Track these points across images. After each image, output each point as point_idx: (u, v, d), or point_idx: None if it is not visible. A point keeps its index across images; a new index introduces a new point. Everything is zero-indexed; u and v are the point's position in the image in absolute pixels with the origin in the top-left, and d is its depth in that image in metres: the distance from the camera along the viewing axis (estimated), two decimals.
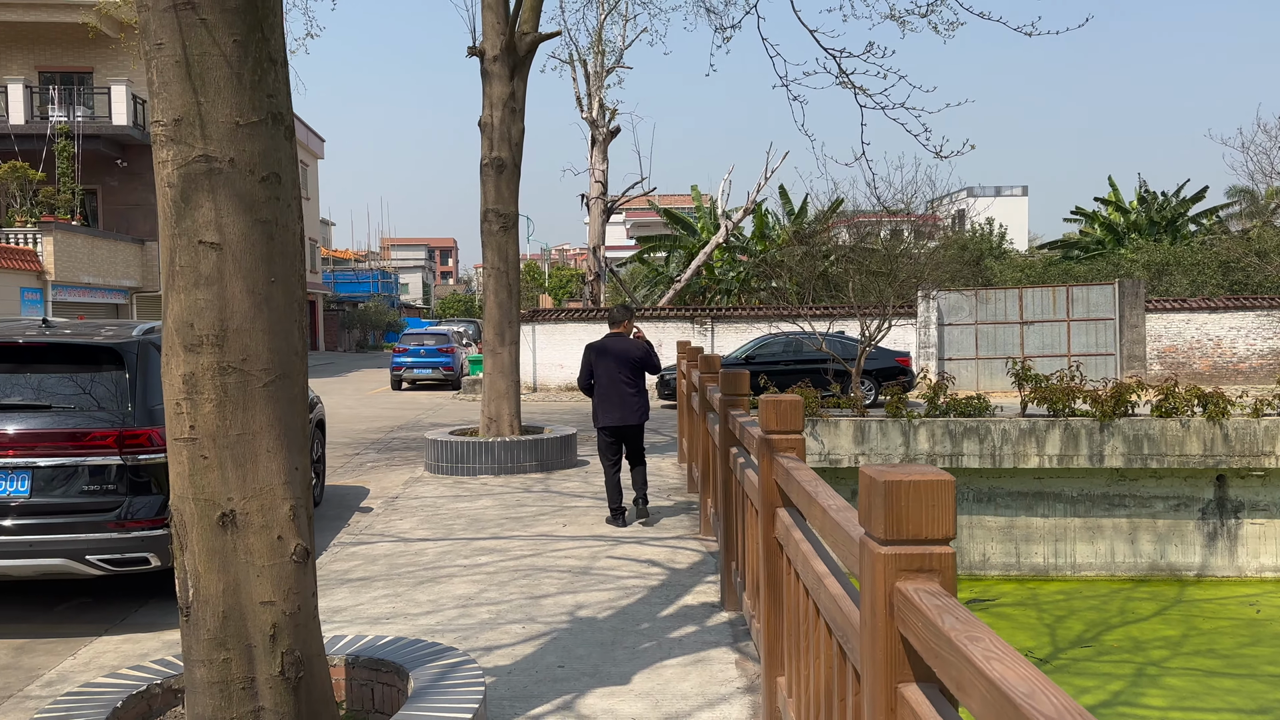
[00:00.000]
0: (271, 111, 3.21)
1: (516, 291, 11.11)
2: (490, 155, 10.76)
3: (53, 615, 6.24)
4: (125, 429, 5.82)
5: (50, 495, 5.73)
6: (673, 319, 23.13)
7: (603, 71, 24.74)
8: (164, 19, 3.06)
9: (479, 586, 6.30)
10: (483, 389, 11.28)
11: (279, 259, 3.26)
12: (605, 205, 25.47)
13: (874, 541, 2.09)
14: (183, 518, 3.22)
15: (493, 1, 10.54)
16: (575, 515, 8.47)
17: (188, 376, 3.17)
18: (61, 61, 27.41)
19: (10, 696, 4.83)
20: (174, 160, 3.12)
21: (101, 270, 25.39)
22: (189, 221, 3.13)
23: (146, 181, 27.98)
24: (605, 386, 7.98)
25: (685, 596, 6.00)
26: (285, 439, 3.29)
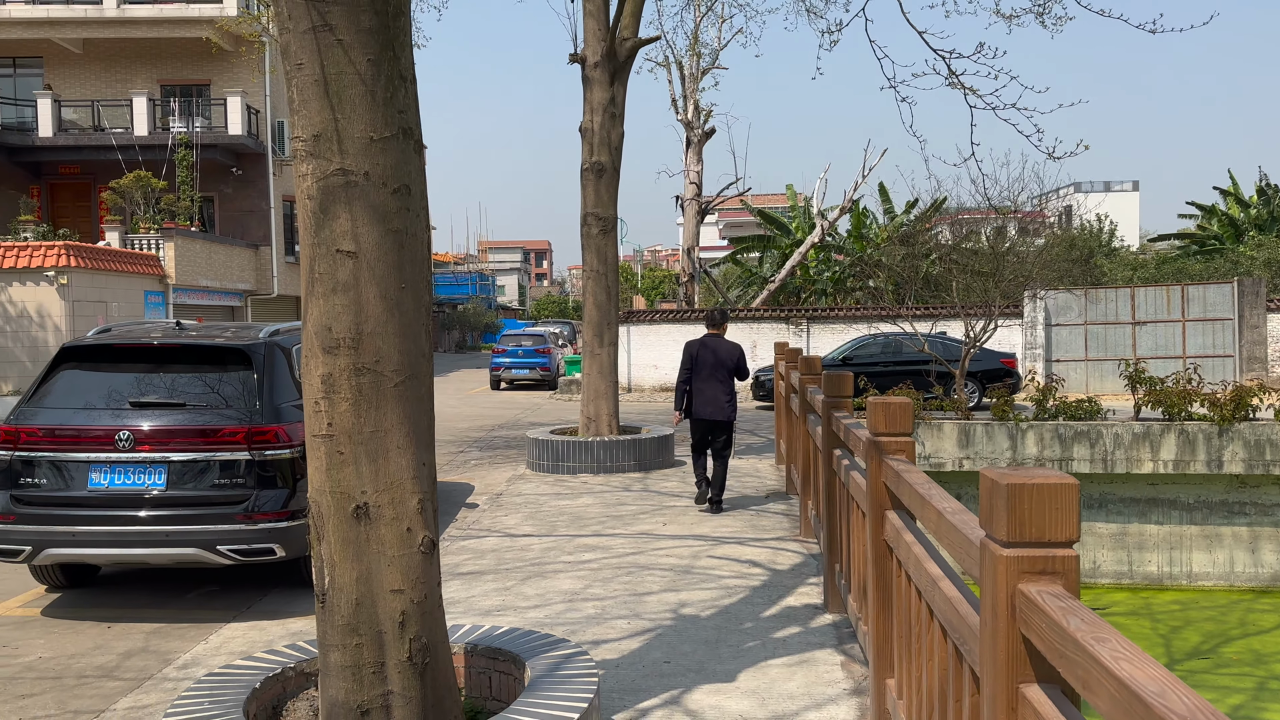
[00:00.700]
0: (402, 126, 3.39)
1: (615, 293, 11.27)
2: (590, 160, 10.95)
3: (184, 602, 6.62)
4: (253, 426, 6.14)
5: (184, 488, 6.08)
6: (767, 320, 23.04)
7: (698, 73, 24.79)
8: (304, 40, 3.25)
9: (584, 582, 6.45)
10: (582, 389, 11.47)
11: (409, 266, 3.44)
12: (700, 206, 25.52)
13: (996, 544, 2.12)
14: (320, 509, 3.41)
15: (594, 9, 10.72)
16: (675, 515, 8.57)
17: (326, 377, 3.37)
18: (182, 75, 28.82)
19: (149, 678, 5.16)
20: (313, 174, 3.31)
21: (218, 274, 26.61)
22: (327, 231, 3.33)
23: (259, 189, 29.22)
24: (700, 383, 8.63)
25: (788, 598, 6.03)
26: (414, 436, 3.47)
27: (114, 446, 5.98)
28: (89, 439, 6.02)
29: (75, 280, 20.25)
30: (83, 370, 6.37)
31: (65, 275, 19.94)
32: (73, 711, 4.72)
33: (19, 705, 4.81)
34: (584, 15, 10.83)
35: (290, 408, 6.41)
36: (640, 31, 11.20)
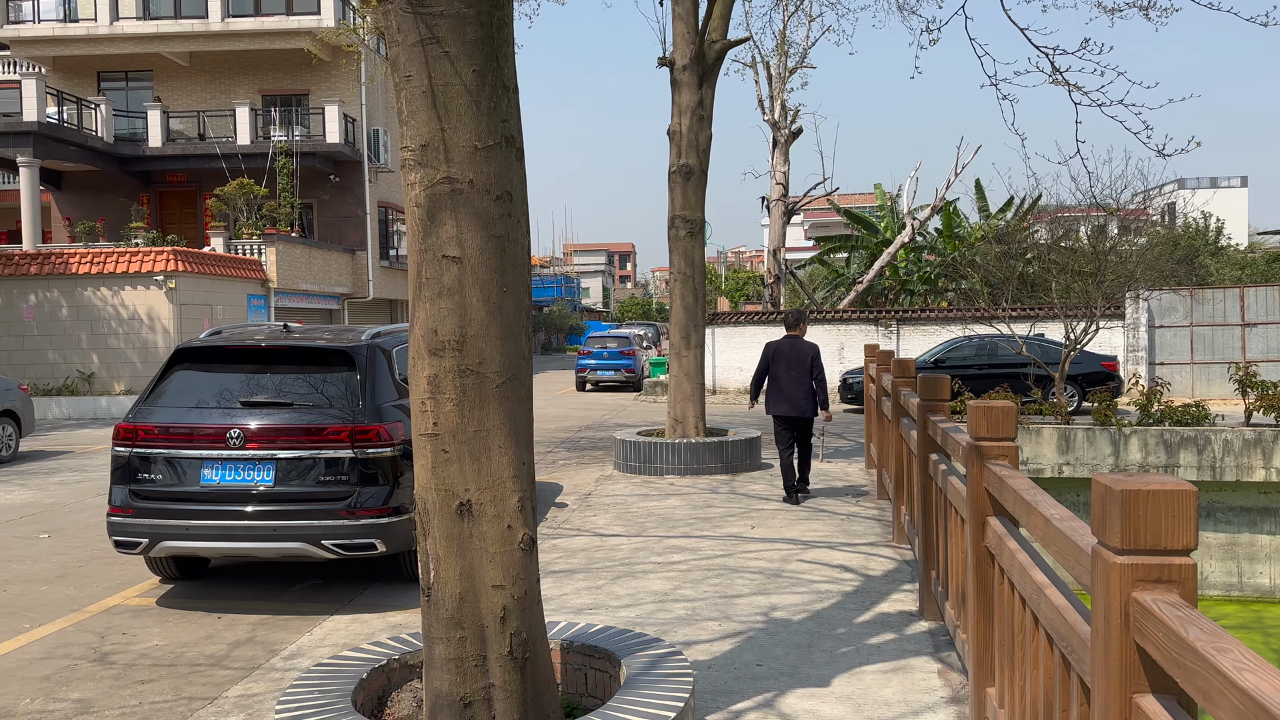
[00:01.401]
0: (505, 135, 3.48)
1: (702, 295, 11.29)
2: (678, 162, 10.99)
3: (289, 595, 6.86)
4: (356, 425, 6.34)
5: (290, 485, 6.31)
6: (855, 321, 22.75)
7: (785, 73, 24.63)
8: (412, 53, 3.37)
9: (673, 583, 6.48)
10: (668, 391, 11.52)
11: (510, 270, 3.52)
12: (786, 207, 25.34)
13: (1109, 551, 2.08)
14: (426, 506, 3.52)
15: (683, 11, 10.76)
16: (763, 518, 8.54)
17: (432, 378, 3.47)
18: (282, 85, 29.84)
19: (257, 667, 5.37)
20: (421, 182, 3.42)
21: (317, 278, 27.48)
22: (434, 238, 3.43)
23: (355, 195, 30.06)
24: (779, 382, 9.08)
25: (881, 604, 5.97)
26: (515, 436, 3.55)
27: (225, 444, 6.25)
28: (202, 437, 6.29)
29: (182, 284, 21.16)
30: (195, 371, 6.67)
31: (173, 279, 20.84)
32: (187, 698, 4.95)
33: (137, 690, 5.07)
34: (673, 19, 10.88)
35: (391, 407, 6.60)
36: (729, 33, 11.20)
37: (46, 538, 8.67)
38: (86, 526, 9.10)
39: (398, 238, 33.25)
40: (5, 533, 8.89)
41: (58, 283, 20.87)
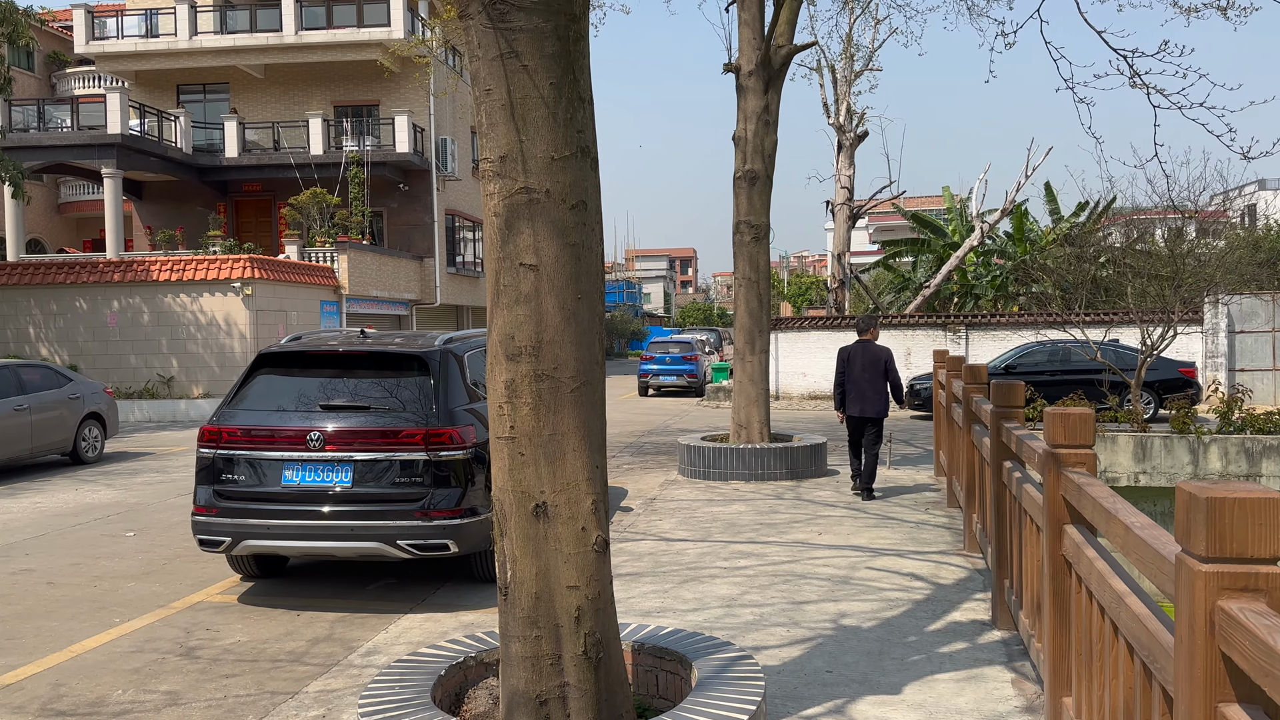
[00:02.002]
0: (580, 145, 3.55)
1: (767, 300, 11.28)
2: (743, 168, 11.00)
3: (365, 593, 7.04)
4: (430, 428, 6.48)
5: (367, 486, 6.47)
6: (923, 326, 22.46)
7: (851, 76, 24.45)
8: (492, 67, 3.46)
9: (740, 589, 6.50)
10: (732, 396, 11.52)
11: (585, 278, 3.60)
12: (851, 211, 25.13)
13: (1193, 559, 2.07)
14: (503, 507, 3.61)
15: (749, 18, 10.78)
16: (830, 524, 8.51)
17: (509, 383, 3.56)
18: (353, 96, 30.54)
19: (336, 664, 5.52)
20: (499, 192, 3.52)
21: (387, 285, 28.04)
22: (511, 246, 3.52)
23: (423, 204, 30.61)
24: (852, 384, 9.67)
25: (953, 612, 5.91)
26: (588, 440, 3.62)
27: (305, 446, 6.44)
28: (283, 439, 6.49)
29: (258, 291, 21.77)
30: (276, 375, 6.89)
31: (250, 286, 21.46)
32: (269, 692, 5.11)
33: (222, 684, 5.25)
34: (739, 25, 10.91)
35: (463, 411, 6.74)
36: (794, 38, 11.19)
37: (133, 536, 9.01)
38: (170, 525, 9.43)
39: (464, 245, 33.75)
40: (94, 530, 9.26)
41: (139, 289, 21.64)
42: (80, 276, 21.79)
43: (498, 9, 3.40)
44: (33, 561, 8.00)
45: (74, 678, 5.35)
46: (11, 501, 10.93)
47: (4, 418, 12.49)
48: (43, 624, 6.32)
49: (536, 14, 3.40)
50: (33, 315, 21.93)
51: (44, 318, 21.90)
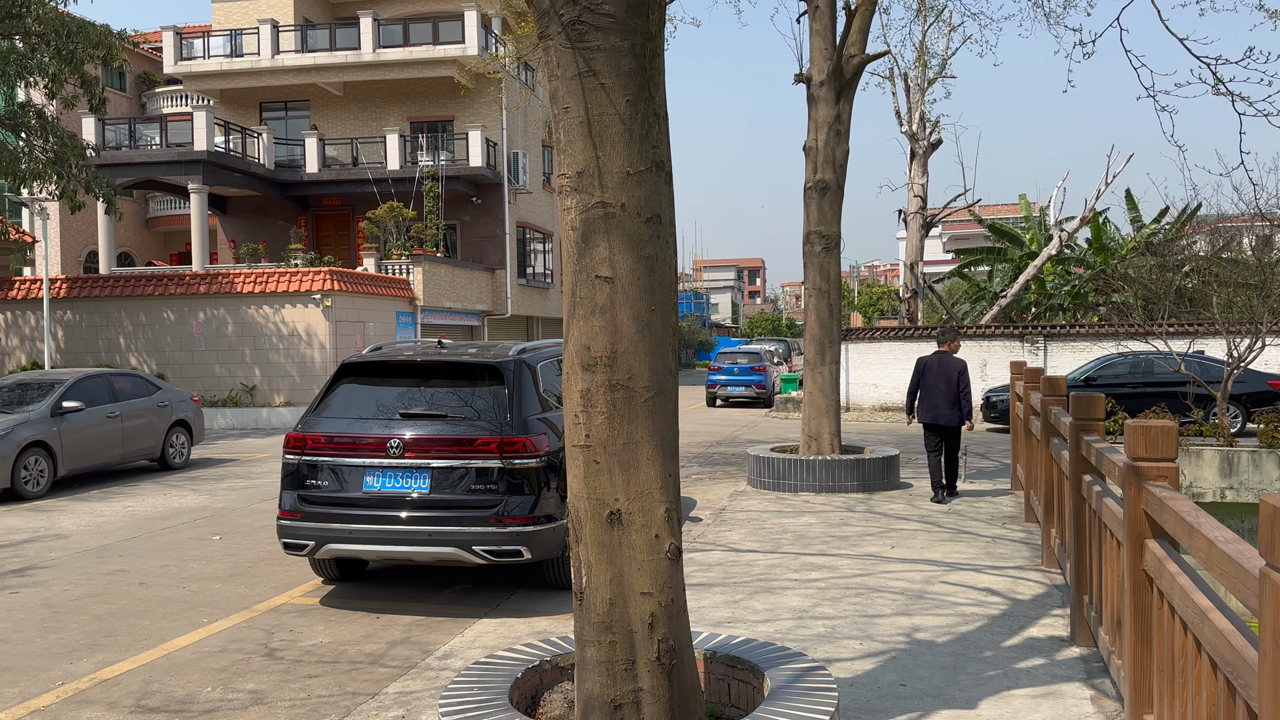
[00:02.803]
0: (655, 160, 3.62)
1: (838, 311, 11.21)
2: (814, 178, 10.98)
3: (441, 598, 7.19)
4: (505, 437, 6.61)
5: (443, 492, 6.62)
6: (999, 337, 22.03)
7: (924, 84, 24.16)
8: (570, 85, 3.56)
9: (811, 601, 6.48)
10: (803, 407, 11.47)
11: (658, 290, 3.66)
12: (924, 220, 24.80)
13: (1278, 573, 2.04)
14: (578, 514, 3.69)
15: (820, 28, 10.76)
16: (903, 538, 8.42)
17: (584, 392, 3.64)
18: (428, 112, 31.20)
19: (413, 666, 5.66)
20: (576, 207, 3.60)
21: (460, 296, 28.54)
22: (587, 259, 3.61)
23: (495, 216, 31.09)
24: (928, 393, 10.09)
25: (1030, 628, 5.81)
26: (661, 449, 3.68)
27: (385, 453, 6.62)
28: (364, 446, 6.69)
29: (338, 302, 22.35)
30: (358, 384, 7.10)
31: (330, 298, 22.05)
32: (350, 693, 5.26)
33: (305, 684, 5.42)
34: (810, 35, 10.91)
35: (536, 420, 6.86)
36: (867, 47, 11.13)
37: (219, 539, 9.33)
38: (254, 530, 9.75)
39: (535, 256, 34.17)
40: (182, 534, 9.62)
41: (224, 301, 22.39)
42: (168, 288, 22.64)
43: (576, 29, 3.49)
44: (126, 563, 8.35)
45: (165, 674, 5.58)
46: (104, 505, 11.41)
47: (97, 424, 13.04)
48: (136, 622, 6.60)
49: (614, 33, 3.48)
50: (123, 326, 22.84)
51: (134, 328, 22.79)
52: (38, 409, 12.41)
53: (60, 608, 6.94)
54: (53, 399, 12.61)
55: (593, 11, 3.47)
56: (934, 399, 10.02)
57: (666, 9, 3.69)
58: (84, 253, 32.81)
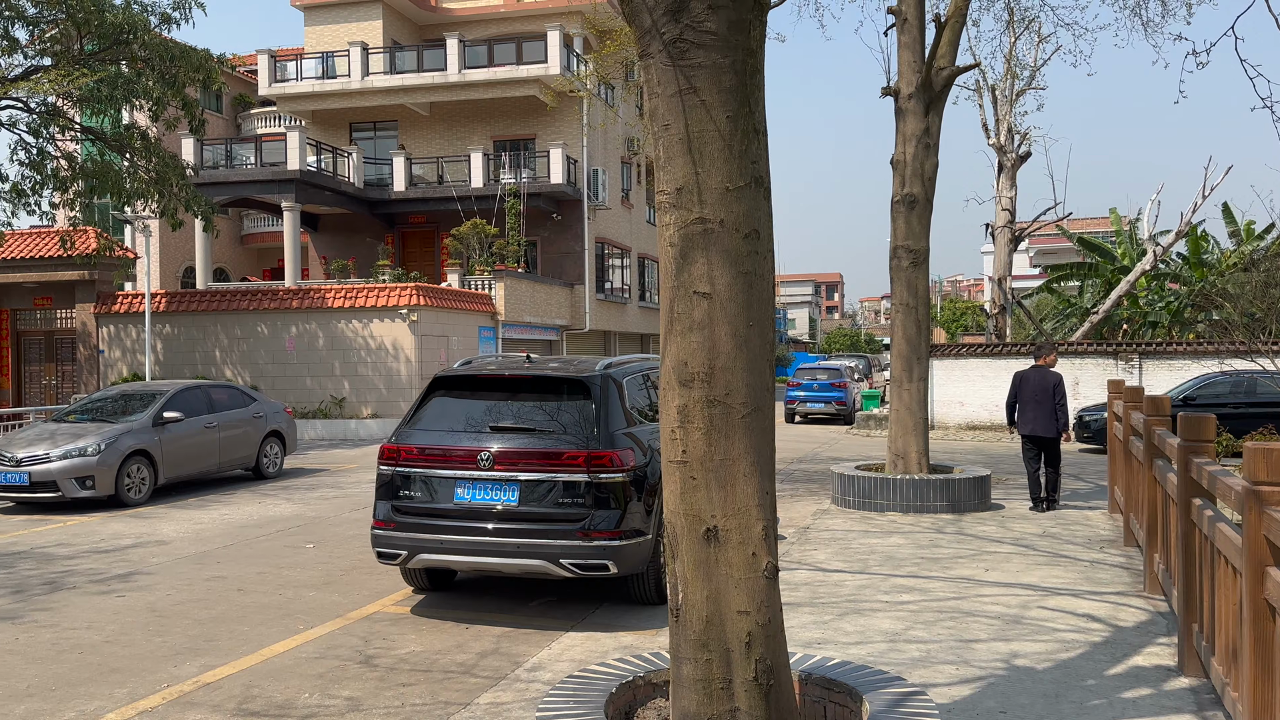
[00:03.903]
0: (754, 176, 3.61)
1: (926, 327, 11.01)
2: (902, 192, 10.82)
3: (528, 610, 7.24)
4: (592, 451, 6.65)
5: (531, 505, 6.68)
6: (1092, 354, 21.37)
7: (1012, 96, 23.66)
8: (671, 103, 3.57)
9: (904, 624, 6.34)
10: (889, 425, 11.28)
11: (756, 305, 3.64)
12: (1012, 234, 24.24)
13: None
14: (674, 530, 3.68)
15: (909, 40, 10.64)
16: (996, 561, 8.19)
17: (681, 408, 3.64)
18: (511, 131, 31.73)
19: (504, 678, 5.70)
20: (675, 223, 3.61)
21: (540, 311, 28.88)
22: (685, 275, 3.61)
23: (574, 232, 31.41)
24: (1026, 405, 10.50)
25: (1134, 657, 5.60)
26: (758, 465, 3.65)
27: (476, 465, 6.71)
28: (455, 458, 6.79)
29: (423, 317, 22.81)
30: (450, 397, 7.22)
31: (415, 313, 22.51)
32: (443, 702, 5.33)
33: (399, 693, 5.50)
34: (898, 48, 10.79)
35: (622, 435, 6.88)
36: (956, 60, 10.95)
37: (312, 548, 9.57)
38: (346, 539, 9.97)
39: (612, 272, 34.40)
40: (277, 542, 9.89)
41: (315, 316, 23.04)
42: (262, 303, 23.39)
43: (678, 47, 3.51)
44: (224, 569, 8.62)
45: (265, 680, 5.73)
46: (202, 513, 11.80)
47: (195, 434, 13.52)
48: (235, 628, 6.80)
49: (715, 50, 3.49)
50: (219, 339, 23.67)
51: (229, 341, 23.60)
52: (140, 419, 12.92)
53: (164, 612, 7.20)
54: (154, 409, 13.12)
55: (694, 29, 3.48)
56: (1032, 411, 10.41)
57: (766, 25, 3.69)
58: (181, 269, 34.14)
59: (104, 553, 9.37)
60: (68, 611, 7.22)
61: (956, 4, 10.87)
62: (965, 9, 10.96)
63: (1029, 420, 10.45)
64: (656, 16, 3.53)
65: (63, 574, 8.47)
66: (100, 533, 10.49)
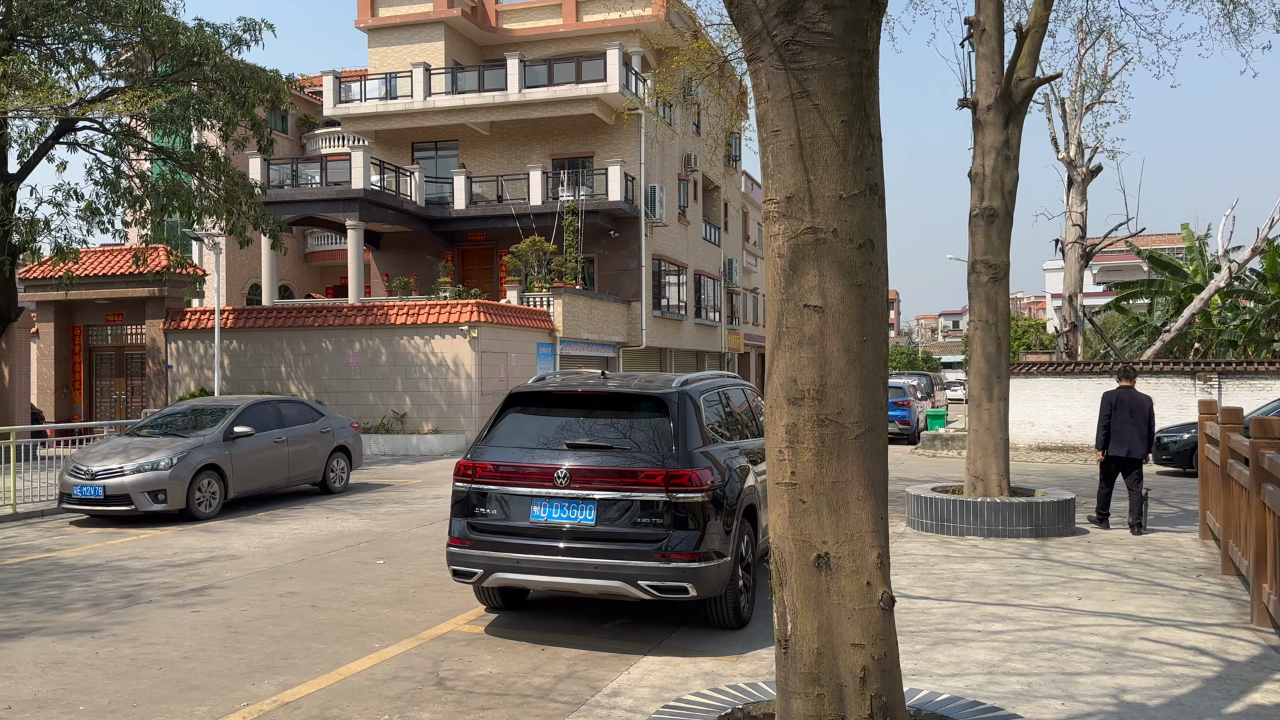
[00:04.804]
0: (869, 183, 3.44)
1: (1006, 345, 10.67)
2: (980, 205, 10.53)
3: (602, 632, 7.07)
4: (670, 469, 6.48)
5: (608, 524, 6.53)
6: (1167, 374, 20.67)
7: (1082, 109, 23.12)
8: (781, 108, 3.42)
9: (1000, 655, 6.06)
10: (967, 446, 10.93)
11: (870, 319, 3.46)
12: (1083, 250, 23.63)
13: None
14: (782, 556, 3.49)
15: (987, 51, 10.38)
16: (1089, 589, 7.84)
17: (790, 427, 3.46)
18: (569, 149, 31.85)
19: (583, 703, 5.53)
20: (784, 233, 3.45)
21: (597, 327, 28.84)
22: (795, 287, 3.44)
23: (631, 249, 31.37)
24: (1118, 427, 10.52)
25: (1252, 693, 5.26)
26: (873, 489, 3.46)
27: (553, 483, 6.58)
28: (531, 475, 6.67)
29: (483, 333, 22.89)
30: (525, 414, 7.11)
31: (476, 329, 22.60)
32: None
33: (478, 716, 5.37)
34: (976, 59, 10.53)
35: (699, 454, 6.71)
36: (1036, 71, 10.65)
37: (382, 564, 9.52)
38: (415, 555, 9.91)
39: (668, 289, 34.28)
40: (347, 557, 9.87)
41: (378, 332, 23.24)
42: (327, 320, 23.67)
43: (790, 50, 3.36)
44: (296, 585, 8.59)
45: (343, 700, 5.63)
46: (271, 527, 11.85)
47: (265, 449, 13.63)
48: (311, 645, 6.73)
49: (830, 52, 3.33)
50: (284, 354, 23.99)
51: (294, 357, 23.90)
52: (211, 433, 13.05)
53: (239, 628, 7.17)
54: (225, 424, 13.24)
55: (809, 30, 3.33)
56: (1127, 433, 10.46)
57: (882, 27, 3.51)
58: (247, 285, 34.77)
59: (177, 566, 9.42)
60: (145, 626, 7.23)
61: (1037, 14, 10.58)
62: (1046, 19, 10.67)
63: (1124, 441, 10.44)
64: (768, 19, 3.38)
65: (139, 587, 8.51)
66: (172, 546, 10.57)
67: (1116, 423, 10.49)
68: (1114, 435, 10.50)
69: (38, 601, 8.03)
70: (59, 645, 6.74)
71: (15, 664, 6.33)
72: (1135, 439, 10.41)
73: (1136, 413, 10.43)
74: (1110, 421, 10.52)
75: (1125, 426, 10.44)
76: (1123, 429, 10.45)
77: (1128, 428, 10.43)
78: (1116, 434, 10.49)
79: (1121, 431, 10.46)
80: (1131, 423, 10.42)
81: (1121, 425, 10.46)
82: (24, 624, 7.31)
